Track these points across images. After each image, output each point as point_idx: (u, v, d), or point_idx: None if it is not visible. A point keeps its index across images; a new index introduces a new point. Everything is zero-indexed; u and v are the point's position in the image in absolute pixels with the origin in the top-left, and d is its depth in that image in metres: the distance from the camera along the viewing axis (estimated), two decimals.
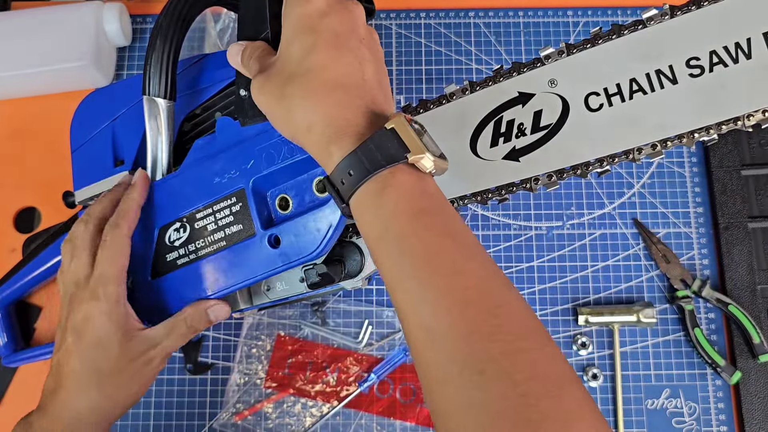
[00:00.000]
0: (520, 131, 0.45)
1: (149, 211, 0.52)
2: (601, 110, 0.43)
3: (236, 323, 0.77)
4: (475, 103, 0.46)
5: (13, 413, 0.75)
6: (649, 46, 0.43)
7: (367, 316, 0.77)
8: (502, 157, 0.45)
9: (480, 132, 0.46)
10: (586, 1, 0.86)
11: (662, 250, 0.77)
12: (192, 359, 0.75)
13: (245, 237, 0.47)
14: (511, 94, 0.45)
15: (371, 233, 0.37)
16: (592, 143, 0.43)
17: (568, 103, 0.44)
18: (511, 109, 0.45)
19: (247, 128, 0.47)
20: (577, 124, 0.44)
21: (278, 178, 0.47)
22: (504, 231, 0.79)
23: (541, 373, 0.32)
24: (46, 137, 0.83)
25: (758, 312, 0.75)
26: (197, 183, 0.50)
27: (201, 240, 0.50)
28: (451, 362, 0.33)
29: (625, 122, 0.43)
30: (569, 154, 0.44)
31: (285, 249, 0.46)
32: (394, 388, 0.75)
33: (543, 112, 0.45)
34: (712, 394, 0.74)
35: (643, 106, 0.42)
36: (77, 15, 0.81)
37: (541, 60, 0.45)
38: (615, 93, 0.43)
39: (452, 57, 0.84)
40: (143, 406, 0.75)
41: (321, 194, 0.46)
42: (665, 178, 0.80)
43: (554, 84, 0.44)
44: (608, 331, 0.76)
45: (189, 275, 0.51)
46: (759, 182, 0.79)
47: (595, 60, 0.44)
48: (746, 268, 0.76)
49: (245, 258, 0.47)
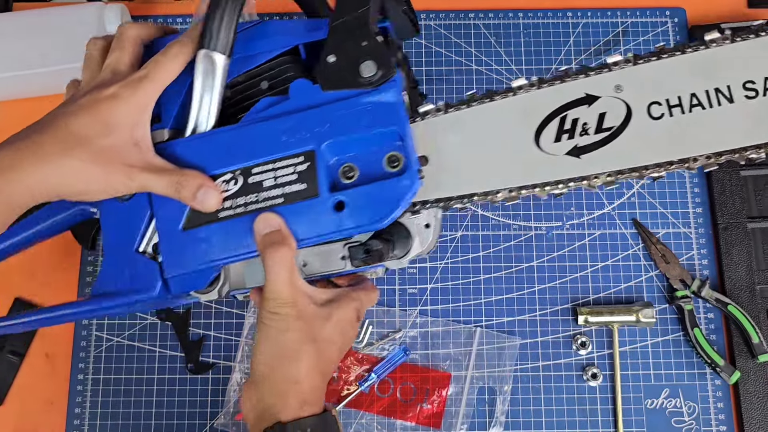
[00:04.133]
0: (584, 130, 0.47)
1: (194, 160, 0.50)
2: (662, 119, 0.46)
3: (237, 323, 0.77)
4: (542, 99, 0.48)
5: (15, 413, 0.75)
6: (709, 66, 0.46)
7: (367, 315, 0.77)
8: (565, 153, 0.48)
9: (544, 127, 0.48)
10: (586, 3, 0.87)
11: (661, 250, 0.77)
12: (193, 359, 0.76)
13: (307, 197, 0.47)
14: (577, 95, 0.48)
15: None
16: (652, 149, 0.46)
17: (631, 109, 0.47)
18: (577, 109, 0.48)
19: (327, 94, 0.48)
20: (639, 129, 0.47)
21: (351, 147, 0.48)
22: (504, 231, 0.79)
23: None
24: None
25: (757, 312, 0.75)
26: (260, 139, 0.49)
27: (254, 195, 0.49)
28: None
29: (683, 133, 0.46)
30: (629, 157, 0.47)
31: (349, 215, 0.47)
32: (394, 387, 0.75)
33: (607, 114, 0.47)
34: (711, 394, 0.74)
35: (701, 120, 0.46)
36: (79, 16, 0.81)
37: (608, 66, 0.47)
38: (676, 105, 0.46)
39: (452, 58, 0.84)
40: (144, 406, 0.75)
41: (392, 168, 0.47)
42: (665, 178, 0.80)
43: (620, 89, 0.47)
44: (608, 331, 0.76)
45: (231, 229, 0.49)
46: (758, 182, 0.79)
47: (659, 72, 0.47)
48: (745, 268, 0.76)
49: (304, 218, 0.47)
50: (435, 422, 0.74)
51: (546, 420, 0.74)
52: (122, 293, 0.51)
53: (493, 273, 0.78)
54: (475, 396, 0.74)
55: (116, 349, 0.76)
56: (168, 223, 0.50)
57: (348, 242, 0.50)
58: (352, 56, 0.47)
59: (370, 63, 0.47)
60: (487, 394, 0.74)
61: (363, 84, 0.47)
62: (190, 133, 0.50)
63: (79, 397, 0.75)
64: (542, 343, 0.76)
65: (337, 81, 0.47)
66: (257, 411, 0.47)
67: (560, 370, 0.75)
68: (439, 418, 0.74)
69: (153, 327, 0.77)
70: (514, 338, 0.76)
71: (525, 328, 0.76)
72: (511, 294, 0.77)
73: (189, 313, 0.77)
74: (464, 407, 0.74)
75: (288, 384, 0.46)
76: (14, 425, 0.76)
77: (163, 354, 0.76)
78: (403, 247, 0.50)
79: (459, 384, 0.74)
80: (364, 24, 0.47)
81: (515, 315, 0.77)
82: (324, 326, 0.48)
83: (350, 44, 0.47)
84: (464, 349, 0.76)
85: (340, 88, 0.47)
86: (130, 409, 0.75)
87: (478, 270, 0.78)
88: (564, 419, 0.74)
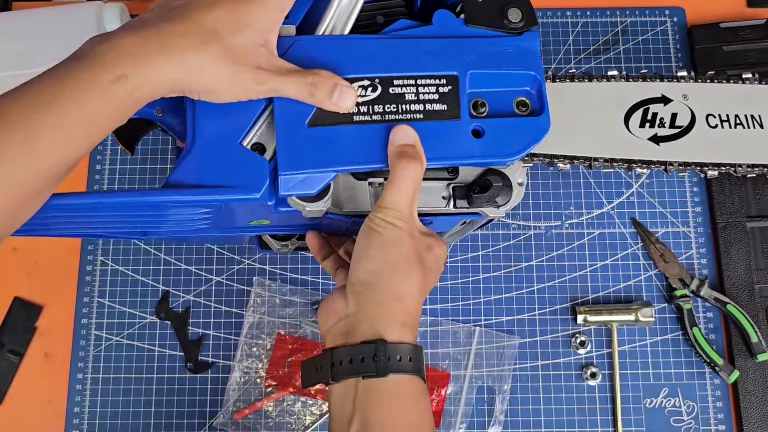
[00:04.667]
0: (662, 123, 0.58)
1: (327, 60, 0.47)
2: (716, 129, 0.59)
3: (237, 322, 0.77)
4: (630, 90, 0.59)
5: (15, 413, 0.75)
6: (746, 97, 0.60)
7: None
8: (647, 138, 0.58)
9: (632, 113, 0.58)
10: (586, 2, 0.87)
11: (661, 249, 0.77)
12: (192, 358, 0.76)
13: (448, 117, 0.48)
14: (656, 94, 0.59)
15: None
16: (710, 150, 0.58)
17: (695, 115, 0.59)
18: (655, 105, 0.59)
19: (470, 28, 0.50)
20: (701, 132, 0.58)
21: (488, 82, 0.49)
22: (503, 230, 0.79)
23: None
24: None
25: (756, 311, 0.75)
26: (401, 53, 0.49)
27: (393, 105, 0.48)
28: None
29: (731, 143, 0.59)
30: (695, 152, 0.58)
31: (486, 143, 0.48)
32: None
33: (678, 115, 0.59)
34: (710, 393, 0.74)
35: (743, 136, 0.59)
36: (78, 15, 0.81)
37: (677, 77, 0.60)
38: (725, 120, 0.59)
39: None
40: (143, 405, 0.75)
41: (520, 111, 0.50)
42: (663, 177, 0.80)
43: (686, 98, 0.59)
44: (607, 330, 0.76)
45: (364, 135, 0.47)
46: (757, 182, 0.79)
47: (713, 92, 0.60)
48: (744, 267, 0.76)
49: (441, 137, 0.48)
50: (435, 422, 0.73)
51: (545, 419, 0.74)
52: (213, 188, 0.45)
53: (492, 272, 0.78)
54: (474, 395, 0.74)
55: (115, 348, 0.77)
56: (291, 118, 0.46)
57: (451, 182, 0.52)
58: (499, 0, 0.50)
59: (516, 10, 0.50)
60: (486, 393, 0.74)
61: (508, 27, 0.49)
62: (322, 33, 0.49)
63: (78, 396, 0.75)
64: (541, 342, 0.76)
65: (484, 18, 0.49)
66: (349, 322, 0.45)
67: (559, 369, 0.75)
68: (438, 417, 0.74)
69: (152, 326, 0.77)
70: (513, 337, 0.76)
71: (524, 327, 0.76)
72: (510, 293, 0.77)
73: (188, 312, 0.77)
74: (463, 406, 0.74)
75: (393, 300, 0.44)
76: (13, 425, 0.76)
77: (162, 353, 0.76)
78: (505, 197, 0.52)
79: (458, 383, 0.75)
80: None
81: (514, 314, 0.77)
82: (427, 254, 0.47)
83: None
84: (463, 349, 0.76)
85: (485, 26, 0.49)
86: (130, 409, 0.75)
87: (478, 269, 0.78)
88: (563, 418, 0.74)
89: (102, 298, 0.78)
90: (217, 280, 0.78)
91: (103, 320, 0.77)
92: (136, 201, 0.47)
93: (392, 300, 0.44)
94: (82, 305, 0.78)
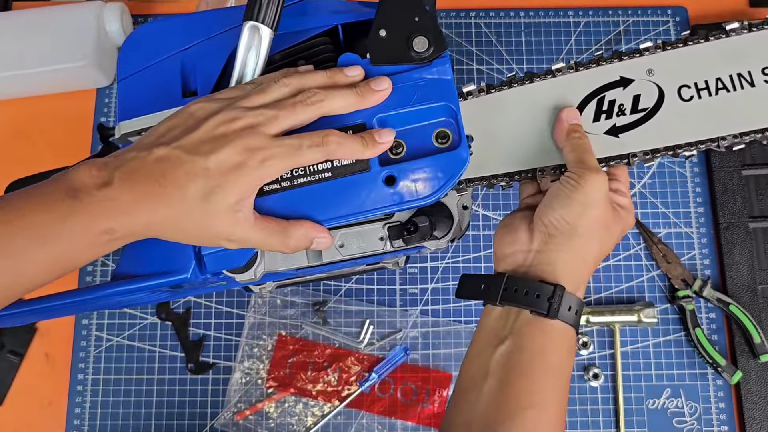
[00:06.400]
0: (621, 111, 0.51)
1: None
2: (691, 101, 0.50)
3: (237, 323, 0.77)
4: (581, 81, 0.52)
5: (15, 414, 0.75)
6: (731, 53, 0.50)
7: (368, 315, 0.77)
8: (604, 132, 0.51)
9: (584, 107, 0.51)
10: (588, 1, 0.86)
11: (663, 250, 0.77)
12: (193, 359, 0.76)
13: (356, 171, 0.47)
14: (613, 78, 0.51)
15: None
16: (684, 129, 0.50)
17: (663, 91, 0.51)
18: (613, 90, 0.51)
19: (376, 68, 0.48)
20: (671, 110, 0.50)
21: (400, 121, 0.48)
22: None
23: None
24: (48, 137, 0.83)
25: (759, 312, 0.75)
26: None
27: (299, 168, 0.47)
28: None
29: (711, 114, 0.50)
30: (664, 136, 0.50)
31: (399, 189, 0.46)
32: (395, 387, 0.75)
33: (641, 96, 0.51)
34: (713, 394, 0.74)
35: (727, 102, 0.49)
36: (78, 15, 0.81)
37: (640, 51, 0.51)
38: (703, 88, 0.50)
39: (453, 57, 0.84)
40: (144, 406, 0.75)
41: (440, 145, 0.47)
42: (666, 178, 0.80)
43: (651, 73, 0.51)
44: (609, 331, 0.76)
45: (276, 203, 0.47)
46: (759, 182, 0.79)
47: (687, 58, 0.50)
48: (747, 267, 0.76)
49: (353, 192, 0.47)
50: (436, 422, 0.73)
51: None
52: (149, 275, 0.49)
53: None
54: None
55: (116, 349, 0.76)
56: None
57: (387, 222, 0.51)
58: (403, 31, 0.47)
59: (422, 38, 0.47)
60: None
61: (415, 59, 0.47)
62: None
63: (78, 397, 0.75)
64: None
65: (389, 55, 0.47)
66: (532, 257, 0.47)
67: None
68: (439, 419, 0.73)
69: (153, 327, 0.77)
70: None
71: None
72: None
73: (189, 313, 0.77)
74: None
75: (579, 258, 0.47)
76: (14, 425, 0.75)
77: (163, 354, 0.76)
78: (444, 228, 0.50)
79: None
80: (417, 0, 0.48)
81: None
82: (616, 225, 0.49)
83: (402, 19, 0.47)
84: (464, 349, 0.75)
85: (391, 62, 0.47)
86: (130, 409, 0.75)
87: (479, 270, 0.78)
88: (565, 419, 0.73)
89: None
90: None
91: (104, 321, 0.77)
92: (85, 299, 0.51)
93: (579, 257, 0.47)
94: None
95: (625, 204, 0.50)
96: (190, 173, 0.43)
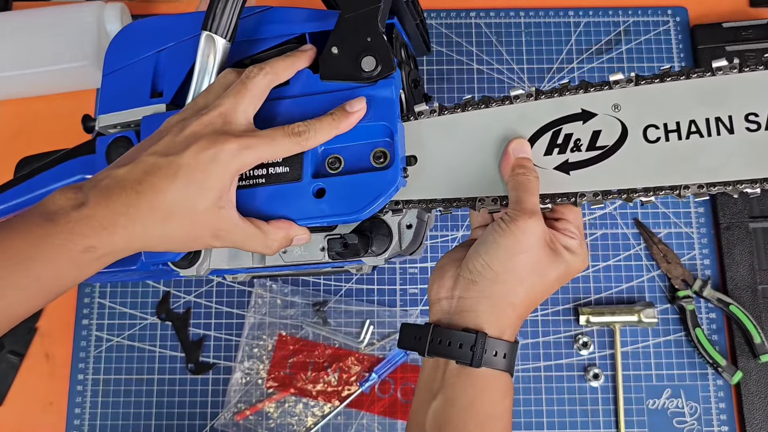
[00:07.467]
0: (576, 146, 0.46)
1: None
2: (657, 143, 0.45)
3: (237, 323, 0.77)
4: (539, 111, 0.47)
5: (16, 414, 0.75)
6: (713, 94, 0.44)
7: (368, 315, 0.77)
8: (554, 167, 0.47)
9: (537, 139, 0.47)
10: (588, 2, 0.86)
11: (663, 250, 0.77)
12: (193, 359, 0.76)
13: (289, 180, 0.48)
14: (574, 110, 0.47)
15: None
16: (643, 172, 0.45)
17: (627, 129, 0.45)
18: (571, 124, 0.47)
19: (325, 84, 0.49)
20: (633, 151, 0.45)
21: (342, 137, 0.48)
22: None
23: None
24: (48, 137, 0.83)
25: (759, 312, 0.75)
26: (256, 119, 0.49)
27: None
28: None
29: (678, 160, 0.44)
30: (619, 178, 0.45)
31: (328, 202, 0.47)
32: (395, 387, 0.75)
33: (602, 132, 0.46)
34: (713, 394, 0.74)
35: (697, 148, 0.44)
36: (79, 15, 0.81)
37: (609, 84, 0.46)
38: (674, 130, 0.45)
39: (453, 57, 0.84)
40: (144, 406, 0.75)
41: (377, 164, 0.48)
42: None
43: (617, 108, 0.46)
44: (609, 331, 0.76)
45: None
46: None
47: (660, 95, 0.45)
48: (747, 268, 0.76)
49: (283, 200, 0.48)
50: None
51: (547, 420, 0.73)
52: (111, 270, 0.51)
53: None
54: None
55: (116, 349, 0.76)
56: None
57: (329, 234, 0.51)
58: (354, 50, 0.48)
59: (371, 58, 0.48)
60: None
61: (362, 78, 0.48)
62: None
63: (78, 397, 0.75)
64: (544, 343, 0.76)
65: (337, 72, 0.48)
66: (456, 303, 0.46)
67: (562, 370, 0.75)
68: None
69: (153, 327, 0.77)
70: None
71: (526, 328, 0.76)
72: None
73: (189, 313, 0.77)
74: None
75: (505, 305, 0.45)
76: (14, 425, 0.75)
77: (163, 354, 0.76)
78: (381, 245, 0.50)
79: None
80: (373, 20, 0.48)
81: None
82: (552, 269, 0.46)
83: (355, 38, 0.48)
84: None
85: (339, 79, 0.48)
86: (130, 409, 0.75)
87: None
88: (565, 419, 0.73)
89: (102, 299, 0.78)
90: (218, 280, 0.78)
91: (104, 321, 0.77)
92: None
93: (505, 304, 0.45)
94: (83, 306, 0.78)
95: (571, 246, 0.46)
96: (169, 175, 0.43)
